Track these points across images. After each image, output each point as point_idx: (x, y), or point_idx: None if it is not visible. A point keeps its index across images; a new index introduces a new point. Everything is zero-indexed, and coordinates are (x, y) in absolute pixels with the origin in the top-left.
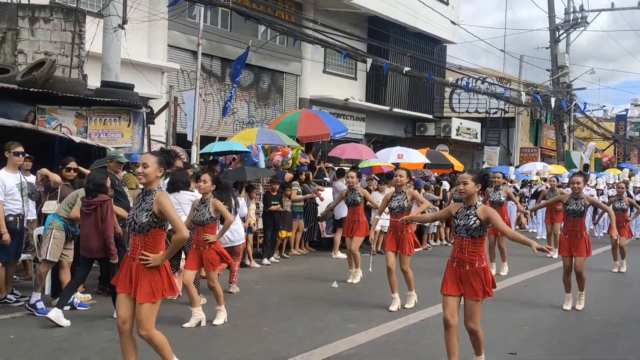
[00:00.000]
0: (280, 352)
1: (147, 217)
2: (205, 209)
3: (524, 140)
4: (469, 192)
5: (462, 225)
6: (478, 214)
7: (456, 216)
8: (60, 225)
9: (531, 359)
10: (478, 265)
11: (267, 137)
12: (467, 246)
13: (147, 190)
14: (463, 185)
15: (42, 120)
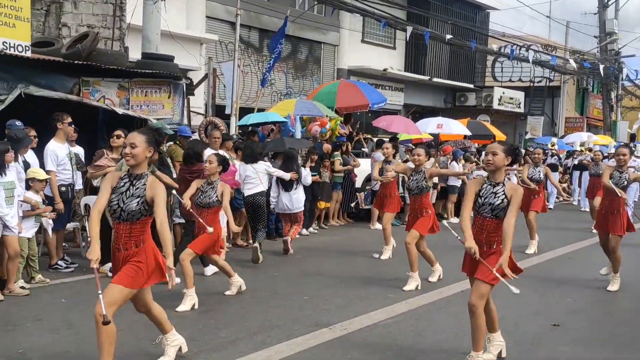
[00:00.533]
0: (320, 320)
1: (138, 205)
2: (212, 191)
3: (570, 109)
4: (497, 164)
5: (487, 204)
6: (507, 192)
7: (480, 194)
8: None
9: (574, 330)
10: (496, 246)
11: (305, 107)
12: (489, 227)
13: (136, 174)
14: (492, 155)
15: (86, 92)
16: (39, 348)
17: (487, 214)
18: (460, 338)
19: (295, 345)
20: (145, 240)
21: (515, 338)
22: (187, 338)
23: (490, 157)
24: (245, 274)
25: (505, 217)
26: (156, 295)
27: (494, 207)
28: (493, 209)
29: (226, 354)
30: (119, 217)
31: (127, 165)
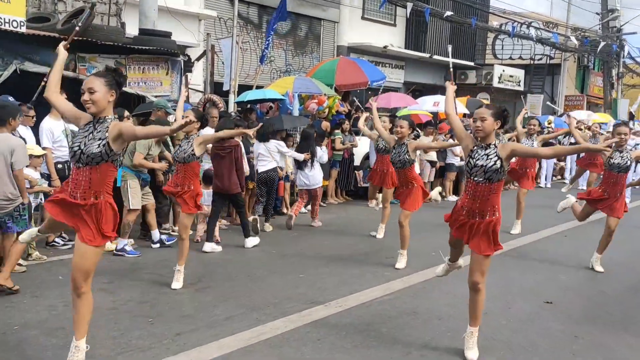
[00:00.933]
0: (316, 297)
1: (100, 147)
2: (187, 145)
3: (570, 87)
4: (486, 130)
5: (479, 166)
6: (499, 152)
7: (472, 154)
8: (132, 174)
9: (567, 308)
10: (489, 217)
11: (304, 85)
12: (482, 193)
13: (99, 119)
14: (481, 121)
15: (82, 69)
16: (35, 324)
17: (479, 178)
18: (455, 315)
19: (290, 322)
20: (106, 196)
21: (508, 315)
22: (183, 315)
23: (479, 124)
24: (241, 252)
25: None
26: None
27: (486, 169)
28: (486, 171)
29: (221, 330)
30: (79, 160)
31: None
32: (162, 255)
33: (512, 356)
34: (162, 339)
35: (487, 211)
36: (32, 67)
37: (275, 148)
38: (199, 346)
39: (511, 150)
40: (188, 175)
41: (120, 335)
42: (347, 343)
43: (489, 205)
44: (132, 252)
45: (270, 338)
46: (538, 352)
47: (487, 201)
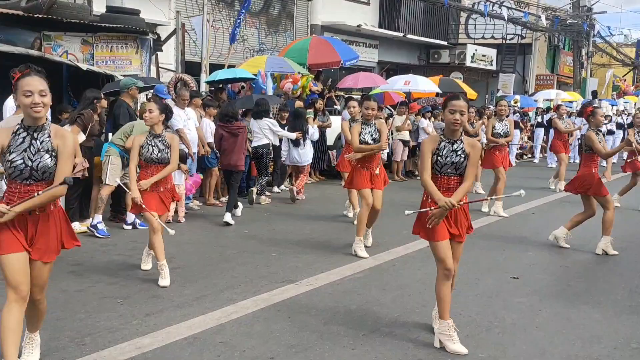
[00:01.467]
0: (286, 276)
1: (52, 159)
2: (162, 145)
3: (540, 67)
4: (463, 124)
5: (449, 163)
6: (465, 148)
7: (439, 153)
8: (116, 151)
9: (533, 282)
10: (464, 202)
11: (276, 64)
12: (455, 185)
13: (37, 127)
14: (460, 115)
15: (48, 48)
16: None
17: (451, 172)
18: (423, 291)
19: (261, 301)
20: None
21: (476, 291)
22: (152, 296)
23: (459, 117)
24: (214, 232)
25: (465, 178)
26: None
27: (457, 165)
28: (457, 167)
29: (191, 310)
30: (30, 177)
31: None
32: (132, 236)
33: (478, 331)
34: (131, 320)
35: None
36: None
37: (267, 127)
38: (168, 326)
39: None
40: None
41: (87, 317)
42: (317, 320)
43: None
44: (102, 232)
45: (240, 317)
46: (503, 326)
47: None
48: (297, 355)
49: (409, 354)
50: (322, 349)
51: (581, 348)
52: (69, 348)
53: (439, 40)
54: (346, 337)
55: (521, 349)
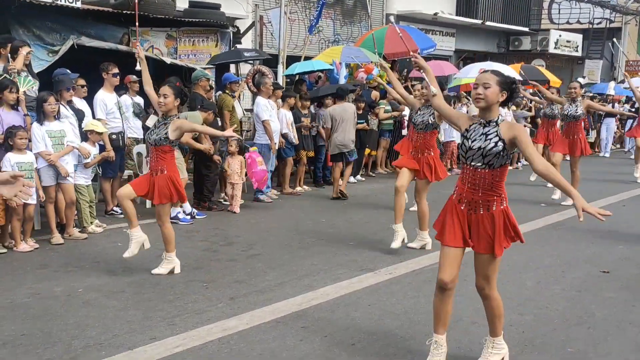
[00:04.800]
0: (366, 265)
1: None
2: (162, 127)
3: (631, 52)
4: (489, 99)
5: (476, 148)
6: (501, 133)
7: (467, 135)
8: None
9: (623, 278)
10: (496, 208)
11: (352, 54)
12: (483, 180)
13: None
14: (483, 88)
15: (134, 42)
16: (96, 288)
17: (477, 163)
18: (506, 283)
19: (341, 288)
20: None
21: (562, 285)
22: (235, 281)
23: (481, 91)
24: (292, 221)
25: (531, 162)
26: None
27: (485, 152)
28: (485, 154)
29: (272, 295)
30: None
31: None
32: (214, 223)
33: (567, 325)
34: (217, 303)
35: (494, 201)
36: (88, 42)
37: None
38: (252, 310)
39: (513, 136)
40: (160, 160)
41: (176, 299)
42: (397, 309)
43: (493, 194)
44: (185, 220)
45: (321, 303)
46: (594, 321)
47: (491, 190)
48: (378, 342)
49: None
50: (403, 337)
51: None
52: (160, 327)
53: (519, 27)
54: (427, 326)
55: (613, 345)
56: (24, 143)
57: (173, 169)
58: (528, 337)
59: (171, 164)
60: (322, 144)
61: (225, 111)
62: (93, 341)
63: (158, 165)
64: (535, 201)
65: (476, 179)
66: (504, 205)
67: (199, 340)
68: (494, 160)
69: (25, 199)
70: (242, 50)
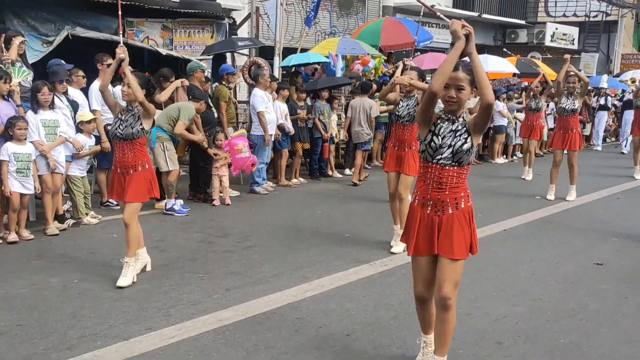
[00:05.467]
0: (361, 256)
1: None
2: (133, 119)
3: (627, 45)
4: (462, 103)
5: (446, 146)
6: (468, 127)
7: (436, 130)
8: (167, 136)
9: (618, 269)
10: (464, 205)
11: (348, 46)
12: (451, 178)
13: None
14: (456, 91)
15: (130, 33)
16: (92, 279)
17: (446, 160)
18: (500, 275)
19: (336, 280)
20: None
21: (556, 277)
22: (231, 272)
23: (454, 94)
24: (286, 212)
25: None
26: None
27: (455, 150)
28: (455, 152)
29: (268, 287)
30: None
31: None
32: (210, 214)
33: (560, 316)
34: (213, 294)
35: (462, 199)
36: (83, 32)
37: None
38: (248, 301)
39: (472, 119)
40: (139, 154)
41: (172, 289)
42: (392, 300)
43: (460, 191)
44: (181, 212)
45: (316, 295)
46: (587, 313)
47: (457, 187)
48: (373, 333)
49: (486, 337)
50: (398, 328)
51: None
52: (156, 318)
53: (516, 20)
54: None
55: (606, 337)
56: (23, 134)
57: (150, 163)
58: (521, 328)
59: (148, 157)
60: (318, 136)
61: (221, 102)
62: (88, 331)
63: (137, 161)
64: (529, 194)
65: (443, 178)
66: (469, 202)
67: (195, 330)
68: (464, 157)
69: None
70: (236, 40)
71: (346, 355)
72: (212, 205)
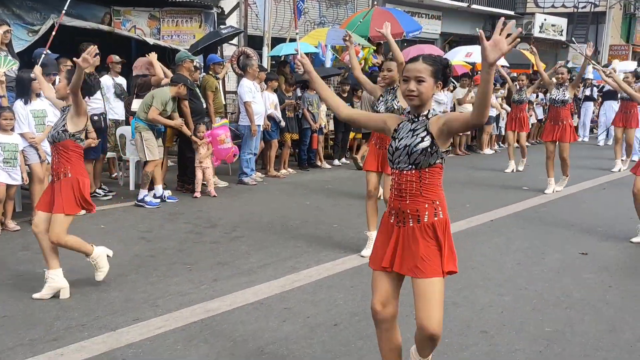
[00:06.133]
0: (350, 247)
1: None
2: (60, 121)
3: (615, 37)
4: (424, 97)
5: (402, 147)
6: (429, 126)
7: (396, 134)
8: (144, 126)
9: (602, 259)
10: (428, 219)
11: (337, 36)
12: (409, 184)
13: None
14: (415, 83)
15: (117, 22)
16: (78, 270)
17: (404, 164)
18: (487, 265)
19: (324, 270)
20: None
21: (542, 266)
22: (218, 263)
23: (414, 87)
24: (275, 203)
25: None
26: None
27: (410, 149)
28: (410, 152)
29: (255, 277)
30: None
31: None
32: (198, 205)
33: (545, 305)
34: (200, 285)
35: (425, 210)
36: (69, 21)
37: None
38: (235, 292)
39: (444, 122)
40: (62, 159)
41: (159, 280)
42: None
43: (425, 201)
44: (151, 203)
45: (304, 285)
46: (571, 302)
47: (420, 196)
48: (360, 323)
49: (472, 326)
50: None
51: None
52: (143, 308)
53: (505, 10)
54: (409, 307)
55: (590, 325)
56: (9, 124)
57: (80, 171)
58: (507, 317)
59: (77, 164)
60: (306, 126)
61: (208, 92)
62: (75, 322)
63: (60, 167)
64: (517, 185)
65: (402, 184)
66: (440, 216)
67: (182, 321)
68: (420, 158)
69: None
70: (219, 30)
71: (333, 344)
72: (193, 198)
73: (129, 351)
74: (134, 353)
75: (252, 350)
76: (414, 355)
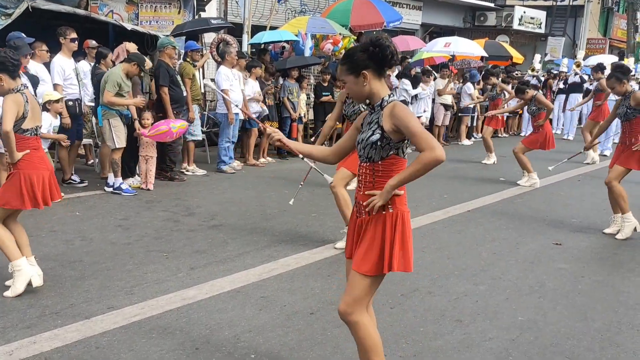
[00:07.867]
0: (327, 236)
1: None
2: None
3: (592, 30)
4: (358, 95)
5: (361, 140)
6: (381, 119)
7: (362, 128)
8: (112, 112)
9: (576, 249)
10: (378, 211)
11: (318, 25)
12: (365, 176)
13: None
14: (345, 86)
15: (94, 7)
16: (53, 257)
17: (362, 157)
18: (463, 254)
19: (302, 259)
20: None
21: (516, 256)
22: (195, 251)
23: (347, 91)
24: (255, 192)
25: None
26: None
27: (365, 143)
28: (364, 145)
29: (233, 265)
30: None
31: None
32: (176, 193)
33: (518, 295)
34: (177, 273)
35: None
36: (44, 5)
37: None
38: (212, 280)
39: (395, 124)
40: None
41: (135, 268)
42: None
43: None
44: (128, 191)
45: (281, 274)
46: (544, 291)
47: (374, 188)
48: (336, 311)
49: (447, 315)
50: None
51: (624, 315)
52: (119, 297)
53: (485, 2)
54: (385, 296)
55: (562, 314)
56: None
57: (27, 165)
58: (481, 306)
59: (24, 158)
60: (286, 115)
61: (185, 79)
62: (49, 310)
63: None
64: (494, 176)
65: (360, 175)
66: (389, 210)
67: (158, 309)
68: (371, 151)
69: None
70: (209, 19)
71: (309, 333)
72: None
73: (103, 339)
74: (108, 341)
75: (228, 338)
76: None
